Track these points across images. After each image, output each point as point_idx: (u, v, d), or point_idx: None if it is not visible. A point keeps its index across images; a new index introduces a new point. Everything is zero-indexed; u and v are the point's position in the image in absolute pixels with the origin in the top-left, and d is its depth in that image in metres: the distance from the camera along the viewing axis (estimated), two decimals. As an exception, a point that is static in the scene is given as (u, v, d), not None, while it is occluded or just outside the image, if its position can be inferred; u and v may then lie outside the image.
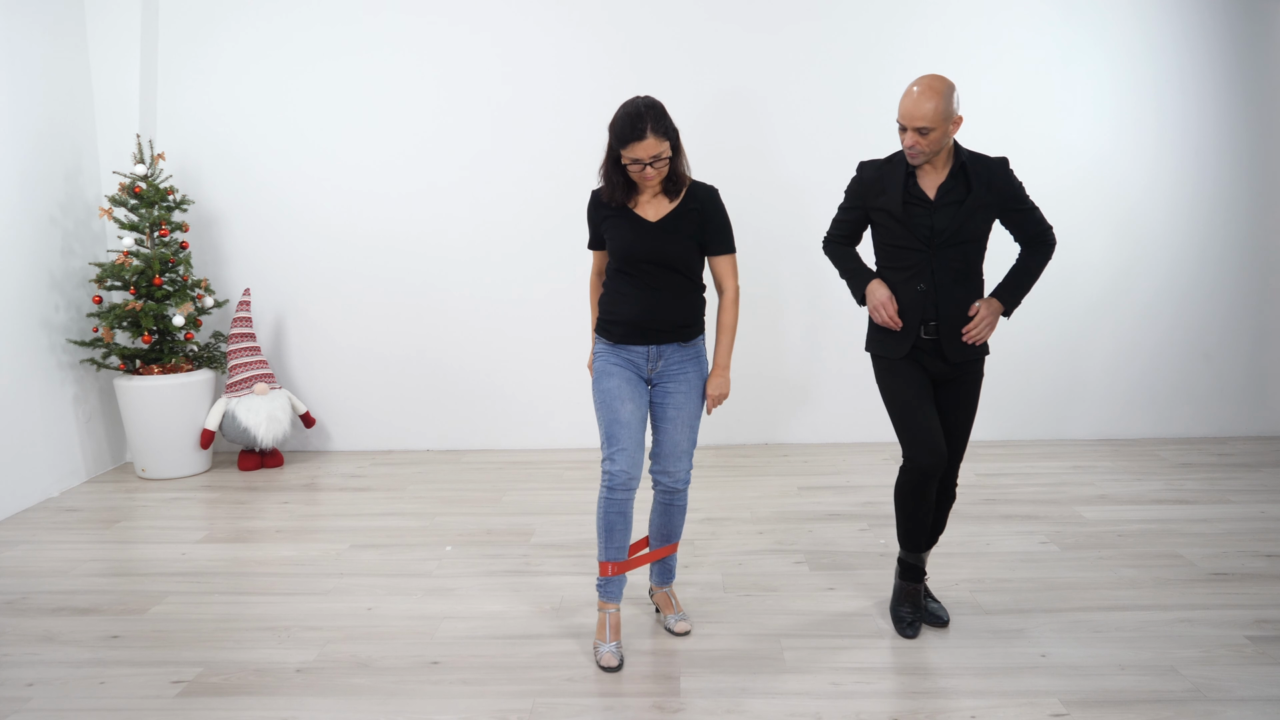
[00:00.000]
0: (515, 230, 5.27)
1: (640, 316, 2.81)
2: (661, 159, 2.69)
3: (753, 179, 5.18)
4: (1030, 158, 5.19)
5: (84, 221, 5.04)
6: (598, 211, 2.87)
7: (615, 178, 2.78)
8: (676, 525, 3.01)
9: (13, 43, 4.53)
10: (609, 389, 2.84)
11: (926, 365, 2.87)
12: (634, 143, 2.65)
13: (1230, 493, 4.34)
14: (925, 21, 5.11)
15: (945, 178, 2.79)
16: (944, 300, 2.80)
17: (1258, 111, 5.15)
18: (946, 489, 3.00)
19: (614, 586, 2.90)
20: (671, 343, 2.85)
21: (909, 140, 2.69)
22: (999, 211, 2.84)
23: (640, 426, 2.84)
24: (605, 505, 2.82)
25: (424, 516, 4.25)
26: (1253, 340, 5.30)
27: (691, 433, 2.90)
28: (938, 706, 2.55)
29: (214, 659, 2.90)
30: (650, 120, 2.65)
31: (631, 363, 2.86)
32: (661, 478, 2.92)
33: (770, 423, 5.42)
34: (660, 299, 2.80)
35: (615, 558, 2.86)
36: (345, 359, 5.40)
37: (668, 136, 2.68)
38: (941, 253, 2.79)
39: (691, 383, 2.89)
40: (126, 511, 4.43)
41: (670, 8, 5.11)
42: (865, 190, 2.88)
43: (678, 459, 2.90)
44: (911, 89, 2.68)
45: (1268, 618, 3.04)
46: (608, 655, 2.81)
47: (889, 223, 2.83)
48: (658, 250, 2.77)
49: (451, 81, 5.20)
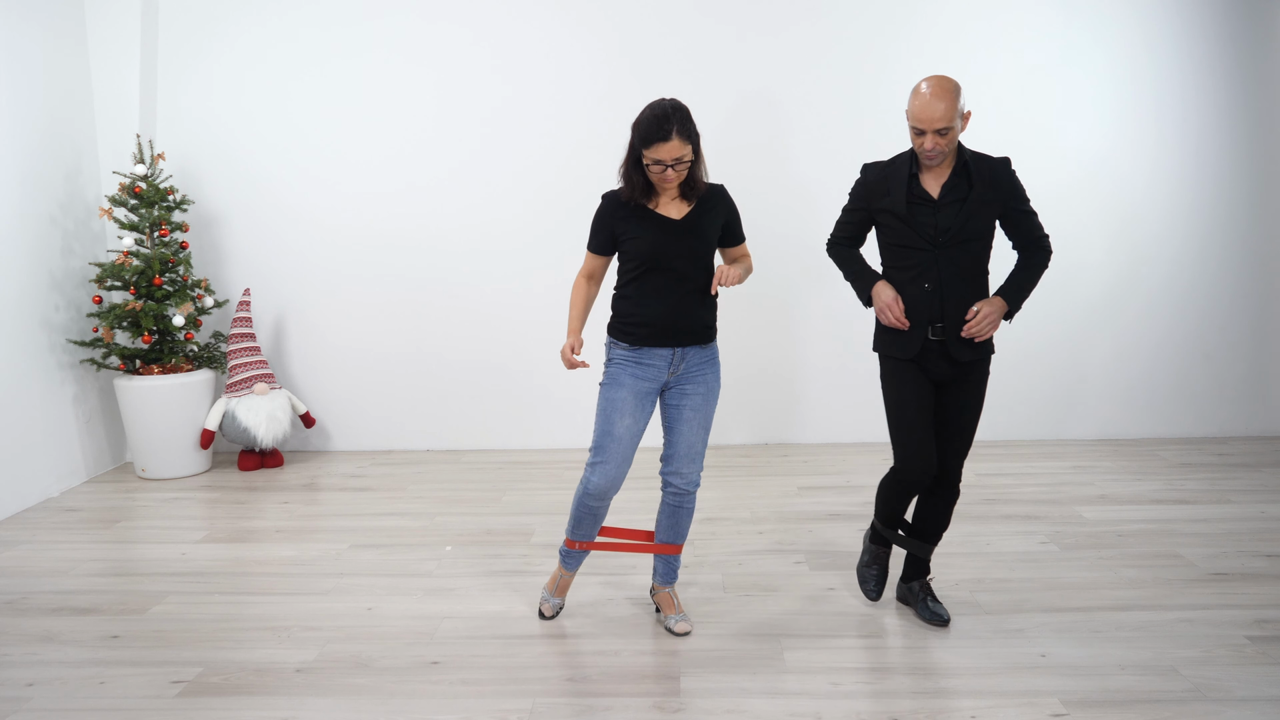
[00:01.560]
0: (515, 230, 5.27)
1: (666, 318, 2.80)
2: (683, 162, 2.69)
3: (754, 178, 5.17)
4: (1031, 158, 5.18)
5: (84, 221, 5.04)
6: (614, 213, 2.83)
7: (636, 178, 2.77)
8: (684, 527, 3.03)
9: (13, 43, 4.53)
10: (613, 399, 2.84)
11: (932, 368, 2.88)
12: (659, 143, 2.65)
13: (1230, 493, 4.34)
14: (927, 22, 5.11)
15: (948, 176, 2.80)
16: (950, 299, 2.81)
17: (1258, 112, 5.15)
18: (949, 486, 3.00)
19: (574, 559, 3.09)
20: (695, 345, 2.85)
21: (929, 143, 2.69)
22: (1001, 210, 2.84)
23: (632, 443, 2.86)
24: (579, 503, 2.95)
25: (424, 516, 4.25)
26: (1253, 340, 5.30)
27: (706, 435, 2.90)
28: (938, 706, 2.55)
29: (214, 659, 2.90)
30: (676, 123, 2.64)
31: (652, 368, 2.84)
32: (673, 479, 2.93)
33: (770, 423, 5.42)
34: (685, 300, 2.80)
35: (585, 539, 3.03)
36: (345, 359, 5.40)
37: (691, 140, 2.68)
38: (946, 252, 2.80)
39: (709, 385, 2.89)
40: (126, 511, 4.43)
41: (668, 8, 5.12)
42: (869, 192, 2.89)
43: (691, 460, 2.90)
44: (922, 92, 2.68)
45: (1268, 618, 3.04)
46: (549, 604, 3.13)
47: (893, 223, 2.84)
48: (685, 247, 2.77)
49: (451, 82, 5.20)
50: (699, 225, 2.79)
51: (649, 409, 2.87)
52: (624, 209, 2.82)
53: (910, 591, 3.15)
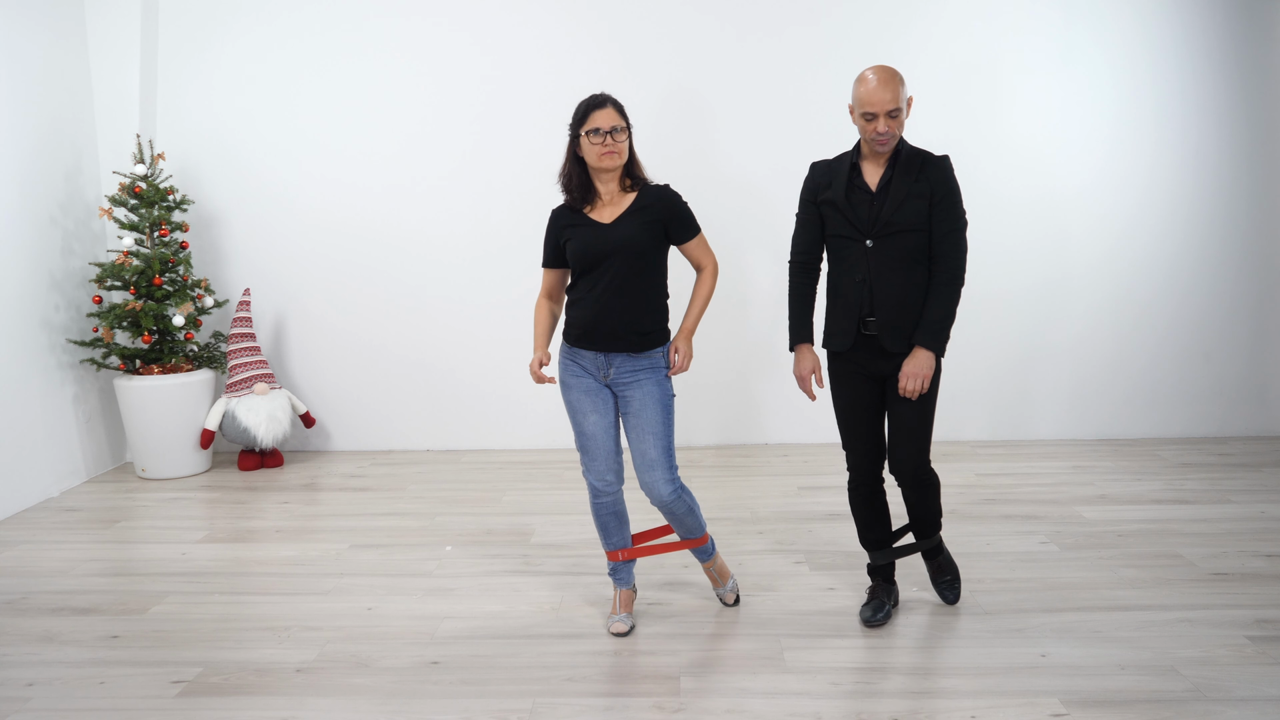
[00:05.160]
0: (515, 229, 5.26)
1: (592, 321, 2.84)
2: (620, 131, 2.78)
3: (754, 178, 5.18)
4: (1031, 159, 5.20)
5: (84, 221, 5.04)
6: (559, 223, 2.92)
7: (575, 174, 2.87)
8: (689, 526, 3.02)
9: (13, 43, 4.53)
10: (569, 401, 2.94)
11: (870, 368, 2.90)
12: (596, 110, 2.79)
13: (1230, 493, 4.34)
14: (927, 23, 5.11)
15: (885, 168, 2.85)
16: (880, 290, 2.82)
17: (1258, 112, 5.14)
18: (917, 484, 2.97)
19: (622, 571, 3.10)
20: (620, 352, 2.86)
21: (883, 126, 2.75)
22: (930, 202, 2.81)
23: (608, 434, 2.90)
24: (594, 509, 3.01)
25: (424, 516, 4.25)
26: (1253, 340, 5.30)
27: (659, 441, 2.87)
28: (938, 706, 2.55)
29: (214, 659, 2.90)
30: (610, 98, 2.82)
31: (584, 368, 2.91)
32: (643, 490, 2.93)
33: (770, 423, 5.42)
34: (613, 304, 2.82)
35: (619, 547, 3.04)
36: (345, 359, 5.40)
37: (625, 118, 2.82)
38: (879, 243, 2.82)
39: (648, 391, 2.87)
40: (126, 511, 4.42)
41: (665, 9, 5.11)
42: (816, 186, 2.94)
43: (649, 470, 2.87)
44: (869, 79, 2.75)
45: (1268, 618, 3.04)
46: (616, 624, 3.03)
47: (833, 213, 2.89)
48: (613, 251, 2.81)
49: (450, 82, 5.20)
50: (629, 228, 2.83)
51: (608, 400, 2.91)
52: (567, 217, 2.91)
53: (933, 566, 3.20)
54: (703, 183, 5.14)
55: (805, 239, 3.00)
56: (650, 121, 5.03)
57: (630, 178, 2.89)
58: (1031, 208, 5.21)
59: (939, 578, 3.20)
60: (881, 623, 3.04)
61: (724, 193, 5.17)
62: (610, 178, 2.86)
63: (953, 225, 2.83)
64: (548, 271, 3.00)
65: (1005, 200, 5.17)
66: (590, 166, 2.84)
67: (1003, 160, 5.16)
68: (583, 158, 2.85)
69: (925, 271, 2.86)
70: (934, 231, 2.83)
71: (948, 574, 3.20)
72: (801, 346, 3.00)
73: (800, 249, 3.01)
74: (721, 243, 5.18)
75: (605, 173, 2.83)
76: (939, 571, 3.20)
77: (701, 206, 5.06)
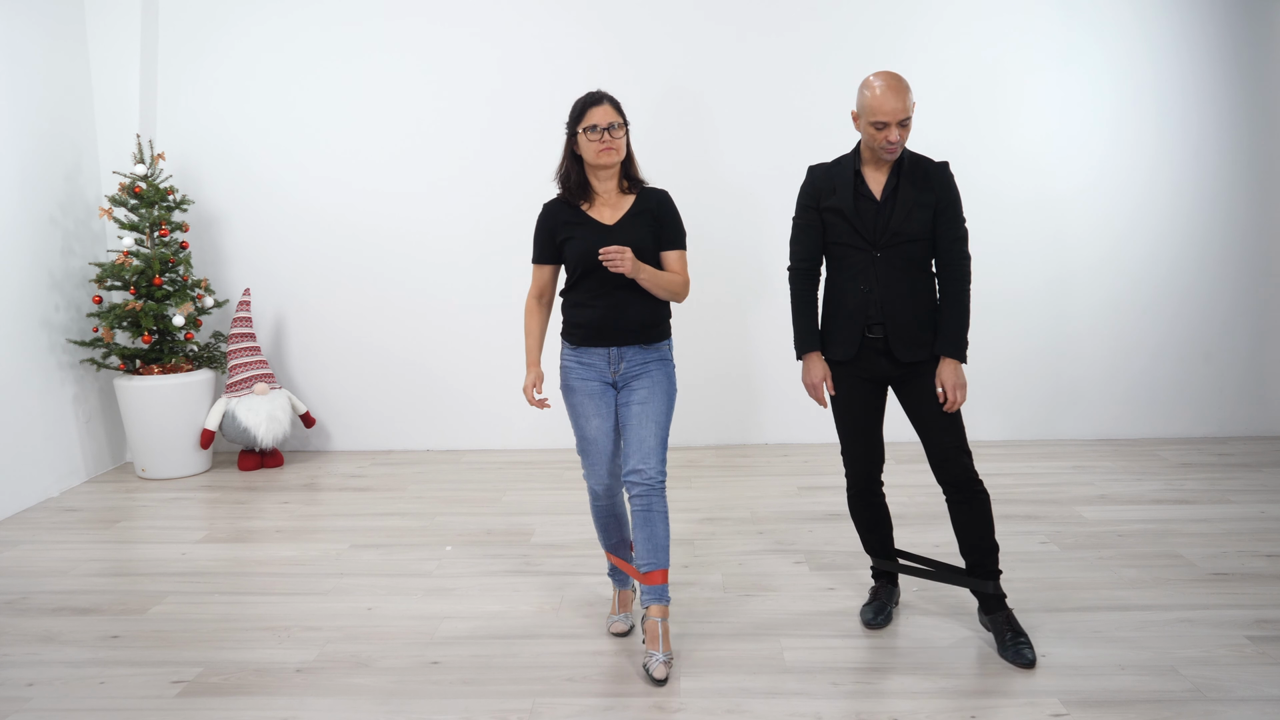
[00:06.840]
0: (515, 230, 5.25)
1: (601, 319, 2.83)
2: (618, 127, 2.77)
3: (754, 176, 5.18)
4: (1031, 159, 5.20)
5: (84, 221, 5.04)
6: (553, 218, 2.88)
7: (573, 173, 2.85)
8: (661, 536, 2.81)
9: (13, 43, 4.53)
10: (572, 405, 2.92)
11: (874, 368, 2.88)
12: (593, 107, 2.77)
13: (1230, 493, 4.34)
14: (927, 23, 5.11)
15: (889, 175, 2.82)
16: (889, 300, 2.81)
17: (1258, 112, 5.14)
18: (965, 486, 2.81)
19: (621, 572, 3.10)
20: (633, 345, 2.86)
21: (894, 135, 2.70)
22: (934, 211, 2.81)
23: (609, 438, 2.90)
24: (593, 511, 3.01)
25: (424, 516, 4.25)
26: (1253, 340, 5.30)
27: (659, 429, 2.85)
28: (938, 706, 2.55)
29: (214, 659, 2.90)
30: (606, 94, 2.80)
31: (593, 367, 2.88)
32: (632, 477, 2.80)
33: (770, 423, 5.42)
34: (621, 302, 2.82)
35: (615, 548, 3.05)
36: (345, 359, 5.40)
37: (622, 114, 2.81)
38: (886, 253, 2.80)
39: (656, 379, 2.87)
40: (126, 511, 4.43)
41: (668, 11, 5.12)
42: (817, 191, 2.89)
43: (645, 456, 2.81)
44: (878, 87, 2.70)
45: (1268, 618, 3.03)
46: (616, 624, 3.04)
47: (838, 221, 2.84)
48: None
49: (451, 82, 5.20)
50: (630, 229, 2.82)
51: (610, 404, 2.89)
52: (562, 213, 2.87)
53: (993, 624, 2.88)
54: (702, 183, 5.15)
55: (806, 245, 2.94)
56: (650, 121, 5.04)
57: (628, 179, 2.87)
58: (1031, 208, 5.21)
59: (1014, 639, 2.79)
60: (882, 625, 3.03)
61: (724, 193, 5.17)
62: (608, 175, 2.84)
63: (958, 233, 2.82)
64: (539, 268, 2.94)
65: (1005, 200, 5.18)
66: (587, 164, 2.82)
67: (1003, 160, 5.16)
68: (580, 155, 2.84)
69: (928, 278, 2.85)
70: (939, 240, 2.81)
71: (1020, 633, 2.81)
72: (810, 355, 2.95)
73: (801, 256, 2.95)
74: (721, 242, 5.20)
75: (603, 170, 2.82)
76: (1008, 626, 2.82)
77: (701, 207, 5.10)
